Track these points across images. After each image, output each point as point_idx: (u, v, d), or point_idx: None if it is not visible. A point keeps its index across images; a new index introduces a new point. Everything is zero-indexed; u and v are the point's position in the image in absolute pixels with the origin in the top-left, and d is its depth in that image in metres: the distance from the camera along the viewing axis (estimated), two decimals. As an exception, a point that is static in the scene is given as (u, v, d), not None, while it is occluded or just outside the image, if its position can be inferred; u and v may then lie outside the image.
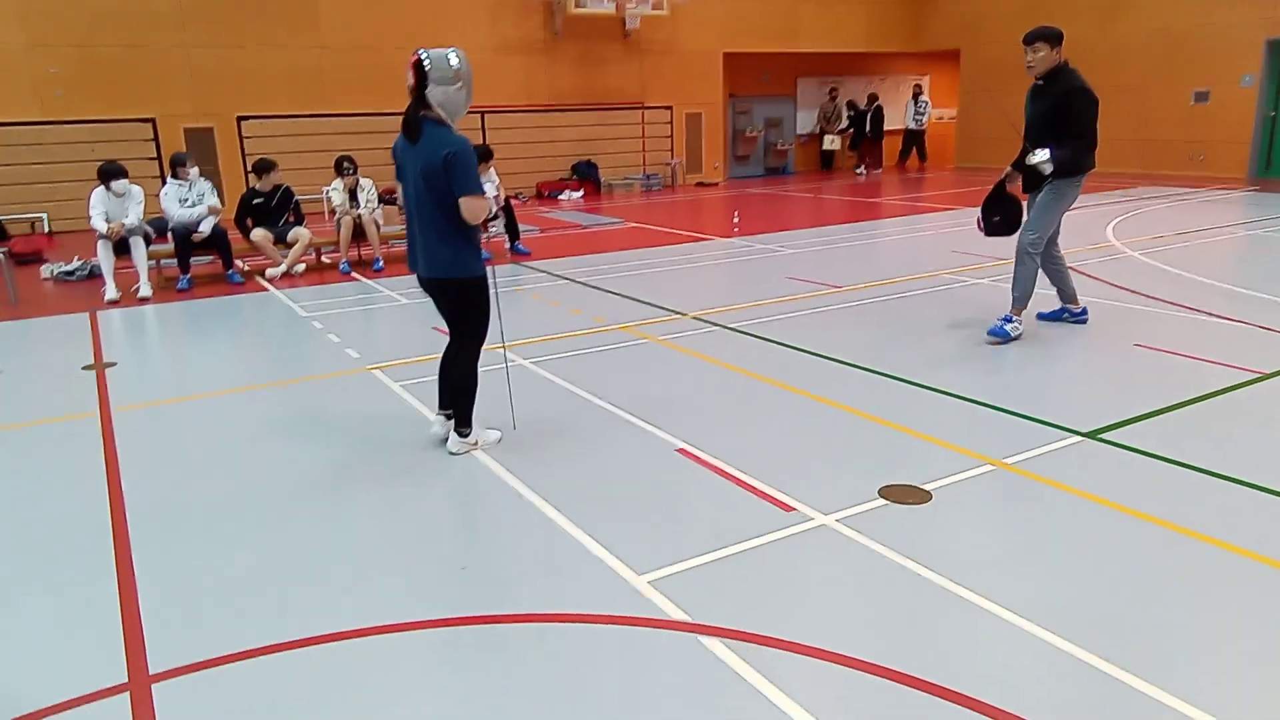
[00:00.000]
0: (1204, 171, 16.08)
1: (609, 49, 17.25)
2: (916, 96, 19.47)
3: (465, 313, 4.05)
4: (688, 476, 3.85)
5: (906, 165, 19.95)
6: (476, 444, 4.19)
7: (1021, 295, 5.69)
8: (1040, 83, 5.51)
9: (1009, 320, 5.69)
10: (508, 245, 9.94)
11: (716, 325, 6.47)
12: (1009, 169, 5.83)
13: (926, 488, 3.62)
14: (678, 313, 6.90)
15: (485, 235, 4.06)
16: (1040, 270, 5.80)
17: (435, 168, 3.74)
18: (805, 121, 20.31)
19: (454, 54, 3.76)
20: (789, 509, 3.48)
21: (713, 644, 2.62)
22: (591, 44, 17.03)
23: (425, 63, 3.71)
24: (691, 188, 17.83)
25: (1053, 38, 5.39)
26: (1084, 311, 6.08)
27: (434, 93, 3.75)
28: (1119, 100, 17.21)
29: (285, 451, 4.30)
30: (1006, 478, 3.73)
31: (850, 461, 3.96)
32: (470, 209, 3.78)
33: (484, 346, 4.14)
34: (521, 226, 10.22)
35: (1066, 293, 6.06)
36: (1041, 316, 6.14)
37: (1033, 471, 3.76)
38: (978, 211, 6.09)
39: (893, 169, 19.97)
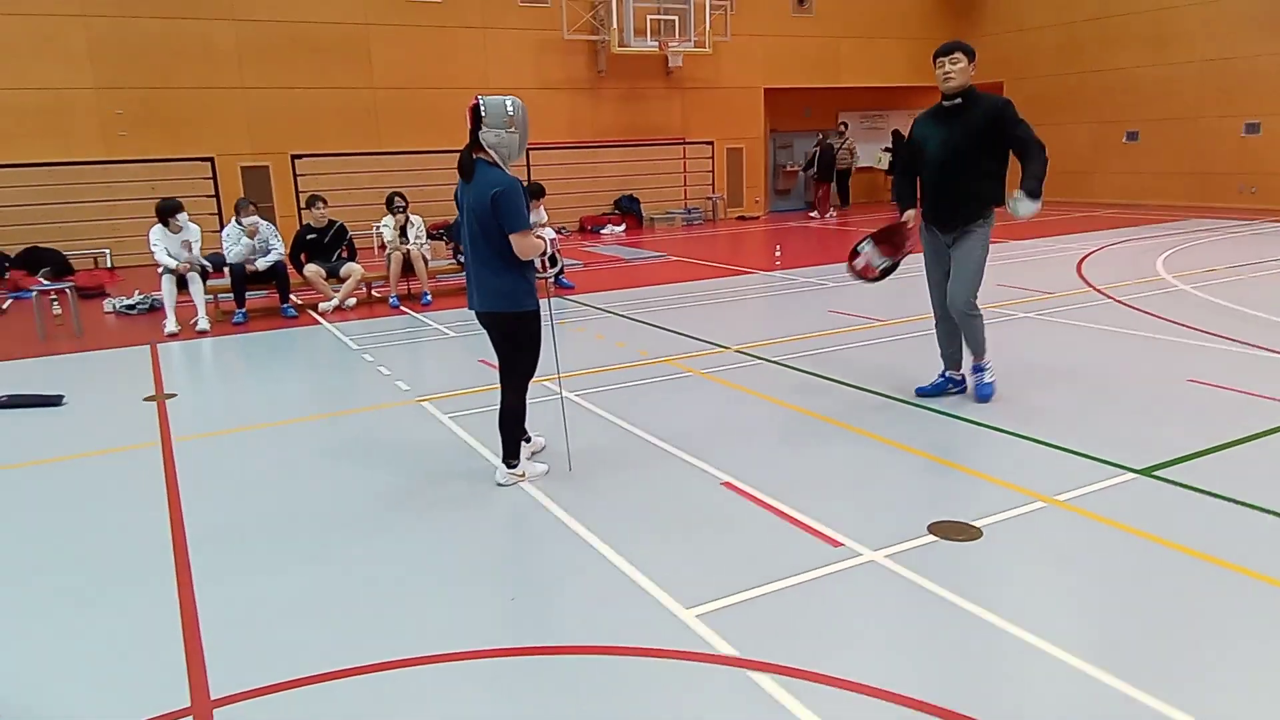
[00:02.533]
0: (1256, 204, 15.77)
1: (652, 86, 17.53)
2: None
3: (517, 346, 4.11)
4: (734, 510, 3.86)
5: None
6: (524, 475, 4.25)
7: (981, 343, 5.14)
8: (950, 104, 4.84)
9: (979, 370, 5.18)
10: (551, 280, 10.06)
11: (759, 359, 6.49)
12: (909, 212, 5.19)
13: (977, 524, 3.58)
14: (720, 346, 6.93)
15: (543, 275, 4.14)
16: (938, 329, 5.27)
17: (485, 205, 3.87)
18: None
19: (510, 101, 3.91)
20: (836, 544, 3.47)
21: (762, 679, 2.62)
22: (635, 82, 17.32)
23: (481, 108, 3.87)
24: (732, 221, 17.94)
25: (970, 52, 4.79)
26: (964, 381, 5.33)
27: (487, 135, 3.89)
28: (1169, 132, 17.03)
29: (339, 481, 4.40)
30: (1059, 515, 3.68)
31: (898, 497, 3.94)
32: (520, 246, 3.90)
33: (533, 380, 4.22)
34: (565, 261, 10.35)
35: (955, 356, 5.29)
36: (921, 391, 5.33)
37: (1086, 509, 3.71)
38: (866, 251, 5.48)
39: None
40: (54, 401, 6.07)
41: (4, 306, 10.25)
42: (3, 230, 12.97)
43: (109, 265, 13.26)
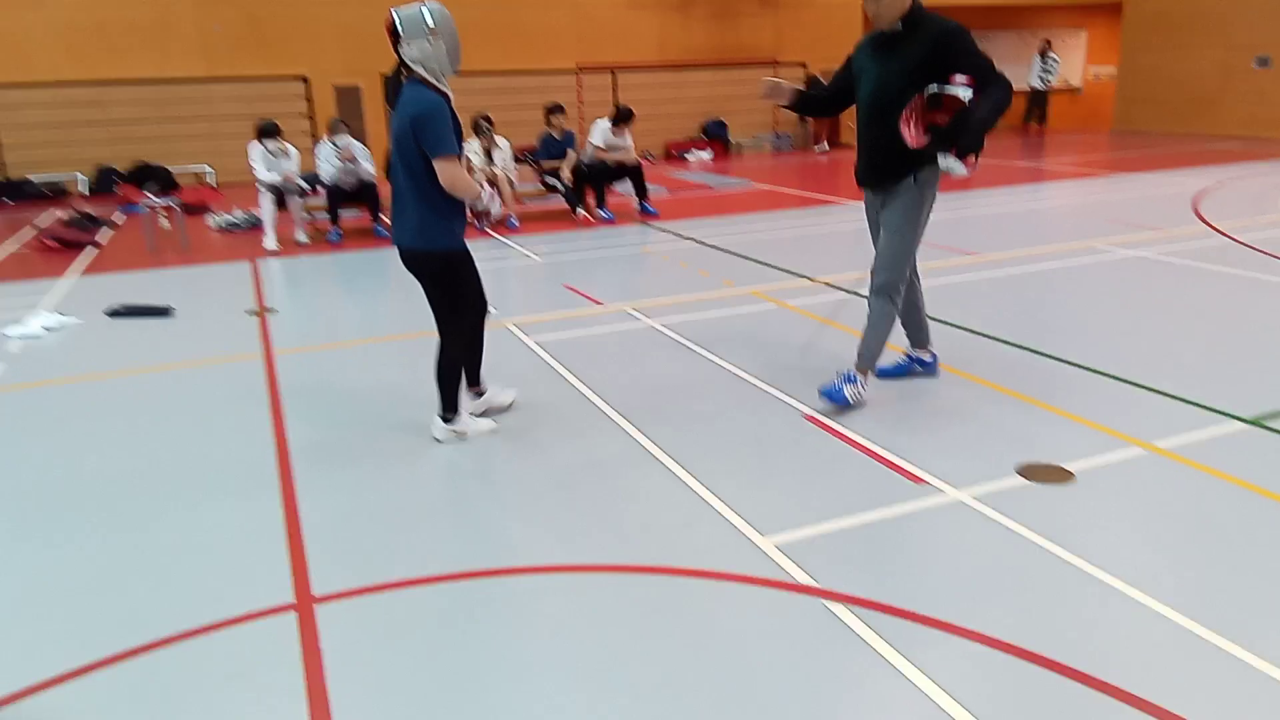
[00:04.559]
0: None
1: (744, 4, 16.93)
2: (1044, 53, 17.86)
3: (443, 290, 3.79)
4: (816, 444, 3.85)
5: (1029, 127, 18.58)
6: (465, 432, 3.98)
7: (875, 348, 4.17)
8: (888, 31, 3.90)
9: (850, 380, 4.16)
10: (636, 205, 10.02)
11: (847, 292, 6.36)
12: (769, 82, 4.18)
13: (1069, 468, 3.49)
14: (807, 278, 6.81)
15: (476, 220, 3.90)
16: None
17: (405, 128, 3.51)
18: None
19: (428, 7, 3.50)
20: (919, 481, 3.44)
21: (839, 609, 2.64)
22: (728, 0, 16.75)
23: (398, 23, 3.49)
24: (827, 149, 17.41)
25: None
26: (934, 361, 4.58)
27: (409, 50, 3.50)
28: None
29: (429, 399, 4.53)
30: (1158, 461, 3.55)
31: (987, 437, 3.86)
32: (446, 175, 3.50)
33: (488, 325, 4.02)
34: (650, 186, 10.26)
35: (920, 335, 4.52)
36: (882, 373, 4.53)
37: (1187, 456, 3.56)
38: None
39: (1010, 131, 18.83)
40: (164, 312, 6.40)
41: (117, 220, 10.76)
42: (113, 146, 13.53)
43: (213, 183, 13.74)
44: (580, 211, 9.86)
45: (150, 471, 3.80)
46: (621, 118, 9.73)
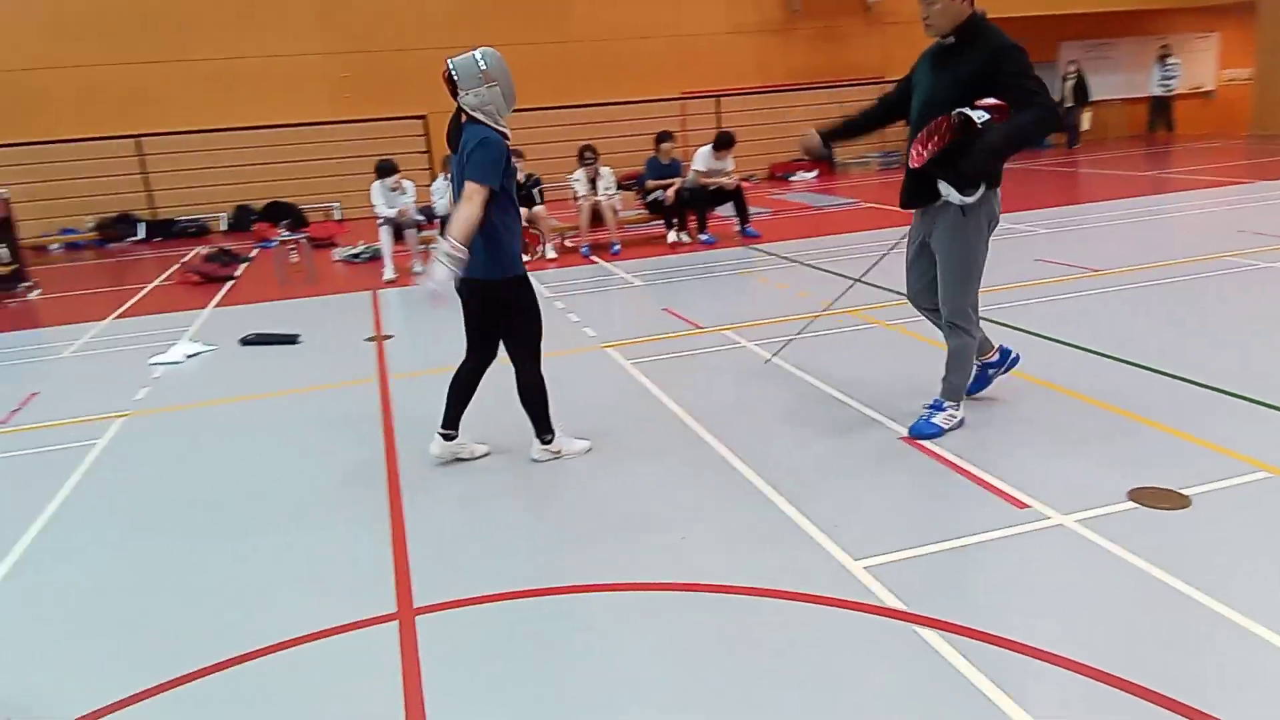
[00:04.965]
0: None
1: (849, 24, 16.81)
2: (1164, 59, 17.05)
3: (509, 320, 3.89)
4: (912, 466, 3.77)
5: (1156, 135, 17.62)
6: (560, 452, 4.07)
7: (960, 379, 4.04)
8: (945, 42, 3.75)
9: (938, 408, 4.04)
10: (738, 228, 10.05)
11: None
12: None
13: (1185, 492, 3.31)
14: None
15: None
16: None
17: (463, 162, 3.65)
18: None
19: (480, 54, 3.64)
20: (1022, 505, 3.33)
21: (929, 635, 2.59)
22: (831, 20, 16.67)
23: (453, 72, 3.63)
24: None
25: None
26: (1004, 356, 4.36)
27: (467, 99, 3.65)
28: None
29: (524, 420, 4.68)
30: (1285, 487, 3.33)
31: (1097, 460, 3.69)
32: (469, 193, 3.55)
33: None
34: (752, 209, 10.28)
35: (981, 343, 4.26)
36: (979, 383, 4.39)
37: (1320, 482, 3.32)
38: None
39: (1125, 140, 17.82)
40: (292, 340, 6.83)
41: (252, 255, 11.55)
42: (250, 186, 14.55)
43: (338, 217, 14.58)
44: (672, 236, 9.95)
45: (272, 487, 4.08)
46: (722, 143, 9.81)
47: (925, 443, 3.95)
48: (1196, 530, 3.08)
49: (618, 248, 9.67)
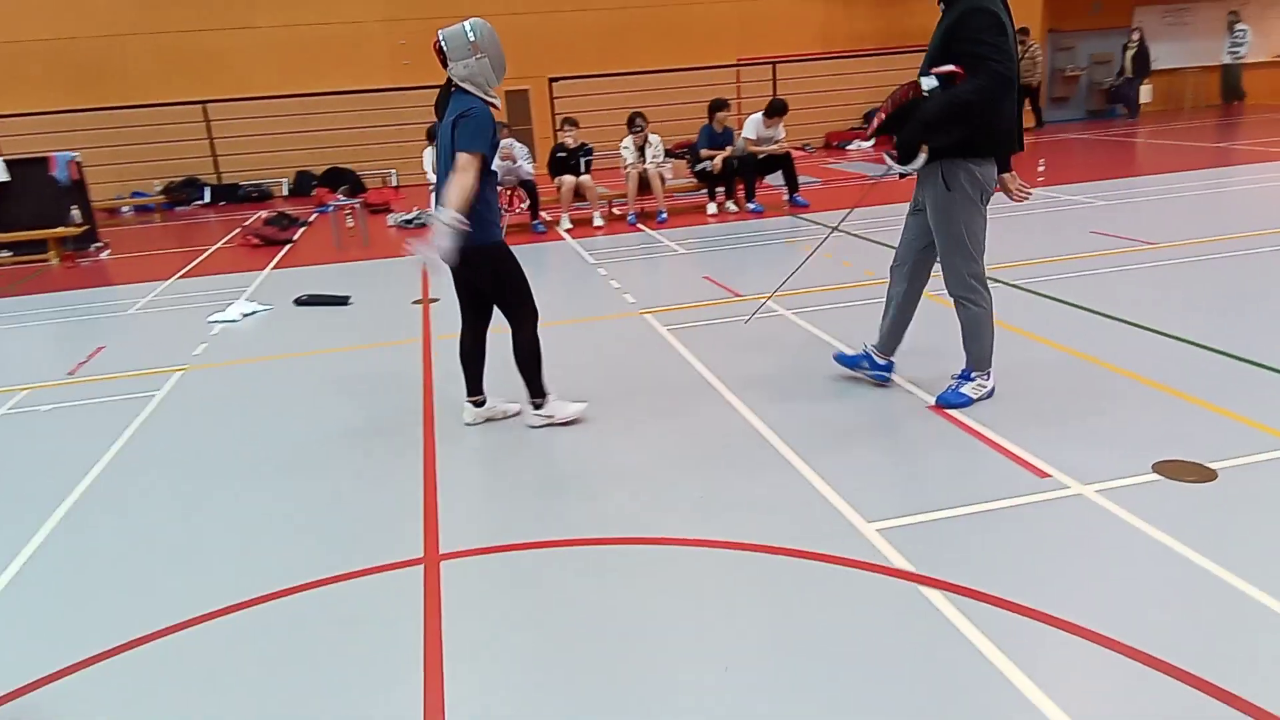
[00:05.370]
0: None
1: (913, -13, 16.40)
2: (1232, 26, 16.29)
3: (496, 280, 3.93)
4: (935, 433, 3.78)
5: (1230, 106, 16.83)
6: (553, 416, 4.11)
7: (982, 348, 3.97)
8: (941, 4, 3.70)
9: (966, 378, 4.01)
10: (786, 197, 9.98)
11: (997, 281, 6.10)
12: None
13: (1212, 466, 3.26)
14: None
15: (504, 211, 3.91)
16: (894, 296, 4.13)
17: (450, 133, 3.71)
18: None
19: (469, 26, 3.70)
20: (1043, 474, 3.32)
21: (932, 594, 2.63)
22: (896, -17, 16.29)
23: (443, 44, 3.69)
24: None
25: None
26: (889, 367, 4.32)
27: (457, 70, 3.70)
28: None
29: (566, 381, 4.79)
30: (1319, 464, 3.26)
31: (1124, 431, 3.65)
32: (462, 164, 3.62)
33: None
34: (803, 178, 10.19)
35: (889, 340, 4.25)
36: (840, 359, 4.44)
37: (1356, 460, 3.24)
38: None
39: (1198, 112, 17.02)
40: (343, 301, 7.05)
41: (311, 219, 11.87)
42: (311, 152, 14.90)
43: (395, 184, 14.85)
44: (712, 207, 9.92)
45: (316, 437, 4.27)
46: (774, 110, 9.72)
47: (951, 411, 3.95)
48: (1221, 504, 3.04)
49: (664, 215, 9.69)
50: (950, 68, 3.54)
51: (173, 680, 2.54)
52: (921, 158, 3.63)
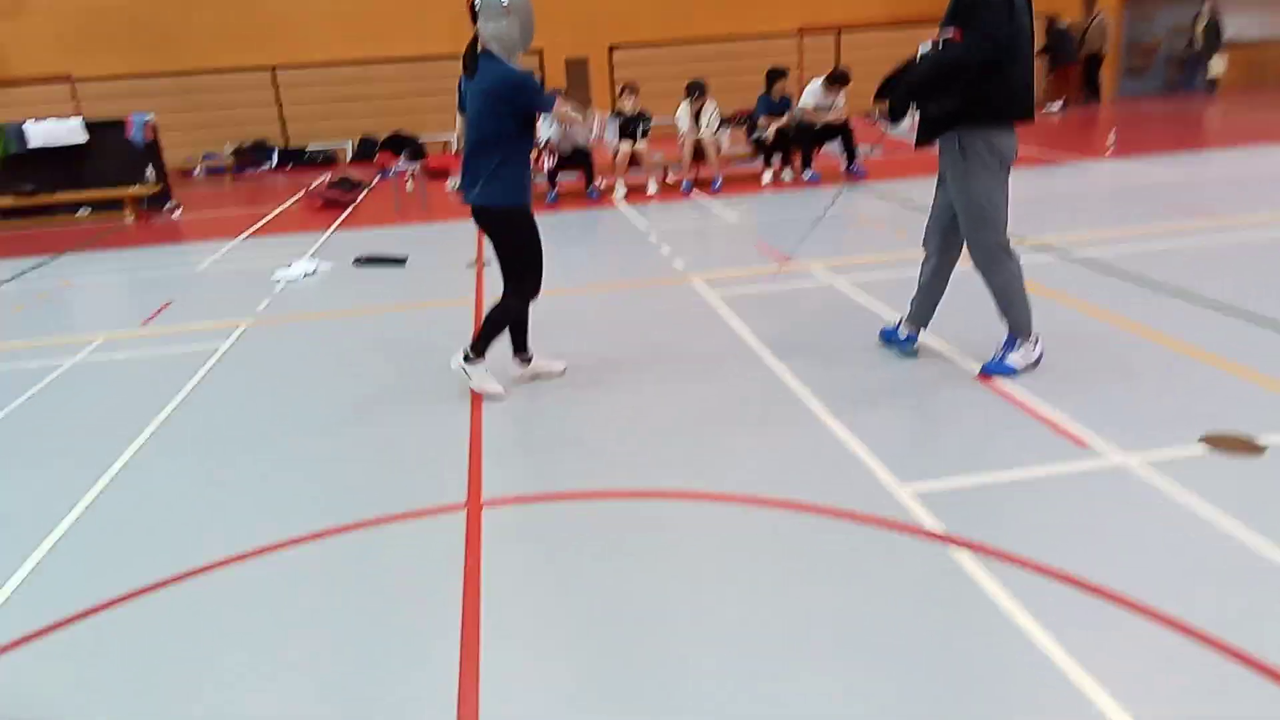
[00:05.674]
0: None
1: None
2: None
3: (506, 246, 3.99)
4: (976, 400, 3.76)
5: None
6: (470, 379, 4.11)
7: (1020, 313, 3.92)
8: None
9: (1011, 346, 3.96)
10: (844, 167, 9.85)
11: (1053, 252, 5.98)
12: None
13: (1261, 441, 3.20)
14: (1015, 237, 6.44)
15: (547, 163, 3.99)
16: (930, 271, 4.11)
17: (488, 97, 3.75)
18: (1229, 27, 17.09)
19: None
20: (1083, 444, 3.29)
21: (962, 557, 2.65)
22: (964, -50, 15.78)
23: (475, 0, 3.70)
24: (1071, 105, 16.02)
25: None
26: (911, 340, 4.30)
27: (485, 27, 3.71)
28: None
29: (610, 342, 4.88)
30: (1376, 442, 3.16)
31: (1172, 403, 3.59)
32: (559, 116, 3.94)
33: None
34: (864, 147, 10.04)
35: (922, 313, 4.25)
36: (885, 335, 4.43)
37: None
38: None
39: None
40: (400, 262, 7.22)
41: (373, 183, 12.11)
42: (375, 118, 15.15)
43: (455, 150, 15.03)
44: (766, 177, 9.84)
45: (370, 388, 4.42)
46: (835, 78, 9.58)
47: (995, 377, 3.92)
48: (1269, 479, 2.98)
49: (719, 183, 9.66)
50: (950, 33, 3.54)
51: (228, 607, 2.70)
52: (910, 119, 3.68)
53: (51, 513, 3.33)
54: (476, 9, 3.72)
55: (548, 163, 9.38)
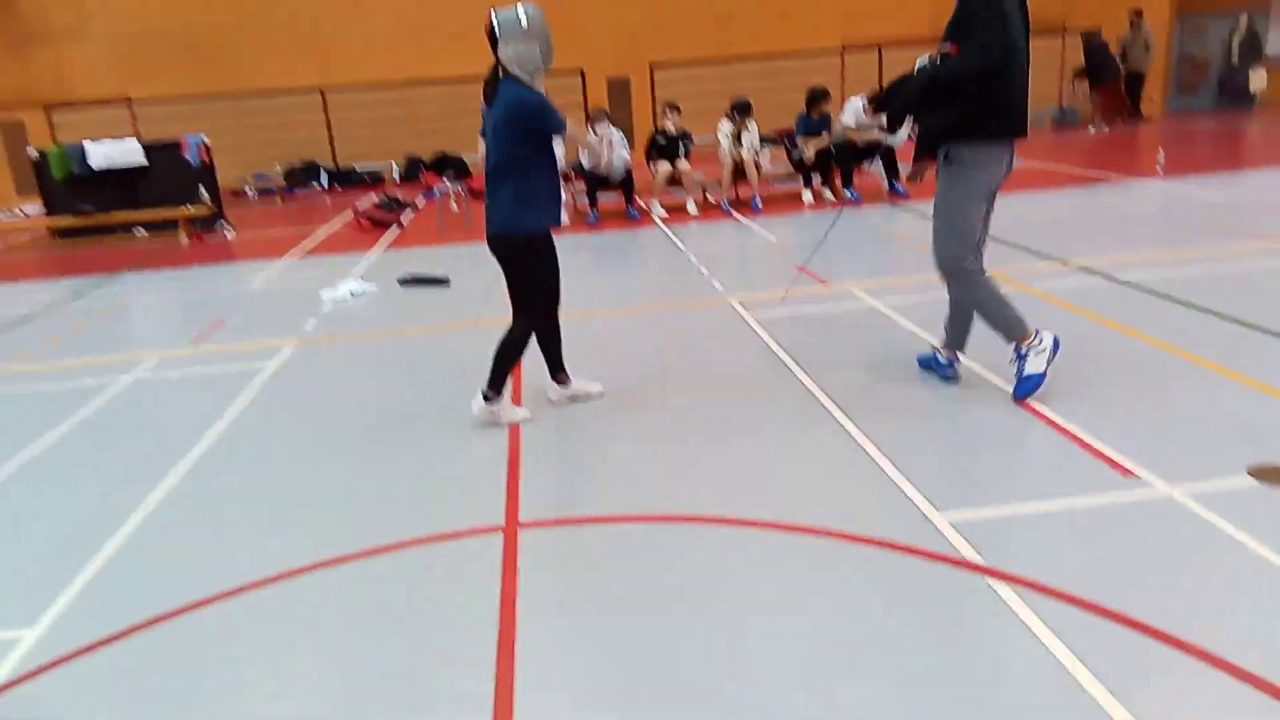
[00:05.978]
0: None
1: (1029, -30, 15.71)
2: None
3: (518, 272, 3.93)
4: (1018, 427, 3.72)
5: None
6: (498, 415, 4.07)
7: (1003, 322, 3.88)
8: None
9: (1021, 356, 3.88)
10: (885, 186, 9.81)
11: (1100, 275, 5.89)
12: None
13: (1314, 473, 3.12)
14: (1059, 260, 6.38)
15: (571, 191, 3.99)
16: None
17: (506, 122, 3.71)
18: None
19: (522, 9, 3.68)
20: (1129, 474, 3.23)
21: (1001, 588, 2.62)
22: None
23: (494, 25, 3.67)
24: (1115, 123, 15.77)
25: None
26: (951, 365, 4.24)
27: (505, 51, 3.68)
28: None
29: (649, 364, 4.90)
30: None
31: (1221, 434, 3.51)
32: (570, 139, 4.11)
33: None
34: (903, 166, 9.97)
35: (953, 333, 4.18)
36: (920, 360, 4.42)
37: None
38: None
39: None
40: (443, 282, 7.34)
41: (419, 203, 12.33)
42: (421, 138, 15.43)
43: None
44: (807, 196, 9.82)
45: (413, 409, 4.50)
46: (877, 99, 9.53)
47: (1034, 403, 3.87)
48: (1320, 513, 2.91)
49: (759, 204, 9.67)
50: (948, 47, 3.60)
51: (263, 628, 2.77)
52: (905, 130, 3.79)
53: (100, 530, 3.45)
54: (496, 35, 3.72)
55: (579, 185, 9.51)
